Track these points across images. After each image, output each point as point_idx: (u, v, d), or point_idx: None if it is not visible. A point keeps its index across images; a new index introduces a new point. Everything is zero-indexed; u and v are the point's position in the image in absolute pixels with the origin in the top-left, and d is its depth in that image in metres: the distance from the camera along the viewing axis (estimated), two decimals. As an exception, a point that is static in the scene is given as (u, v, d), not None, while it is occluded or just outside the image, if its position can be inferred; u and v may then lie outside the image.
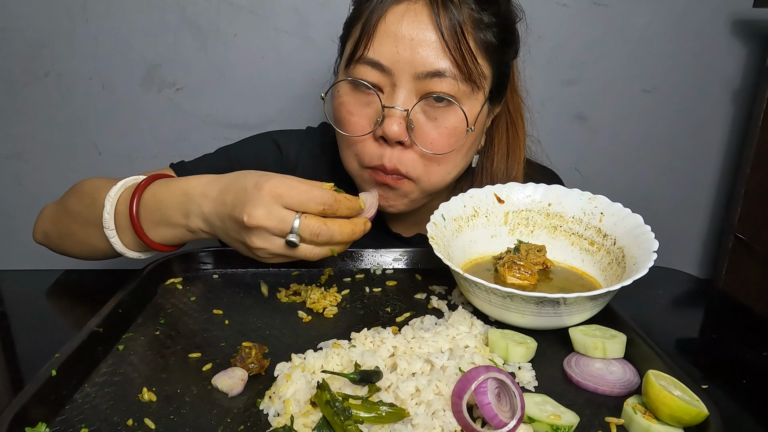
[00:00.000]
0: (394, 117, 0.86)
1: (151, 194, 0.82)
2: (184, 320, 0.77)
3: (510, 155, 1.04)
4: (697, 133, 1.78)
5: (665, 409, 0.56)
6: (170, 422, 0.57)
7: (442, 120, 0.88)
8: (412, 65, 0.84)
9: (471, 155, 0.99)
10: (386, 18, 0.85)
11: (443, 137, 0.89)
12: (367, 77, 0.87)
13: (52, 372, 0.60)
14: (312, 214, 0.75)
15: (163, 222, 0.82)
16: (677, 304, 0.99)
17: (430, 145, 0.89)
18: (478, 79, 0.88)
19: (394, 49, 0.84)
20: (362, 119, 0.90)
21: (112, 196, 0.83)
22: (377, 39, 0.86)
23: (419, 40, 0.84)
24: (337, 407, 0.54)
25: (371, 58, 0.86)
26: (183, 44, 1.55)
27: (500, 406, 0.56)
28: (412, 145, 0.89)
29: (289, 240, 0.74)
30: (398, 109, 0.85)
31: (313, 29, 1.56)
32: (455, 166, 0.95)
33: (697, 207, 1.89)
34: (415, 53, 0.84)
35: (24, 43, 1.51)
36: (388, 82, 0.87)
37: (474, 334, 0.71)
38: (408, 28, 0.84)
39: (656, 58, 1.67)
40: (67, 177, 1.66)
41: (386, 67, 0.86)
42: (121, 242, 0.84)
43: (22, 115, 1.59)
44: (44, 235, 0.98)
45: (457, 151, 0.92)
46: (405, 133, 0.87)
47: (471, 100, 0.89)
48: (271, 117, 1.63)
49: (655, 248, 0.77)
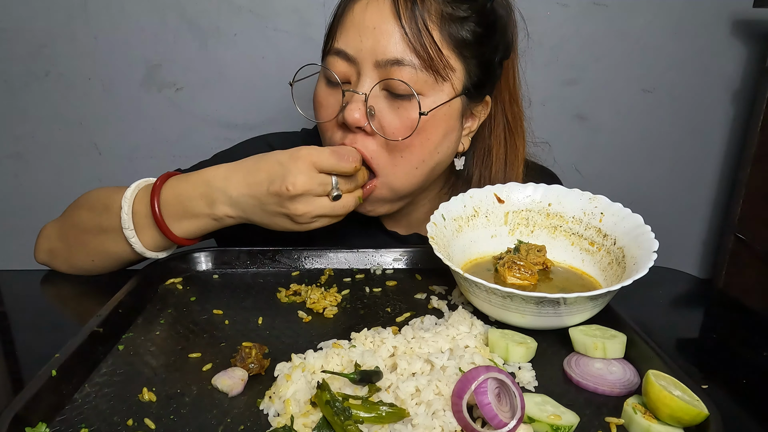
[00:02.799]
0: (354, 102, 0.88)
1: (169, 189, 0.86)
2: (184, 320, 0.77)
3: (508, 165, 1.04)
4: (697, 133, 1.78)
5: (665, 409, 0.56)
6: (170, 422, 0.57)
7: (402, 109, 0.89)
8: (373, 53, 0.87)
9: (444, 153, 0.96)
10: (353, 10, 0.89)
11: (401, 123, 0.89)
12: (335, 67, 0.90)
13: (52, 372, 0.60)
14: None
15: (186, 215, 0.85)
16: (677, 304, 0.99)
17: (391, 132, 0.89)
18: (443, 70, 0.88)
19: (358, 38, 0.87)
20: (329, 107, 0.93)
21: (129, 197, 0.86)
22: (344, 30, 0.89)
23: (381, 30, 0.86)
24: (337, 407, 0.54)
25: (337, 47, 0.89)
26: (183, 44, 1.55)
27: (500, 406, 0.56)
28: (373, 133, 0.90)
29: (335, 195, 0.82)
30: (357, 93, 0.88)
31: (313, 29, 1.56)
32: (422, 161, 0.93)
33: (697, 207, 1.89)
34: (377, 42, 0.86)
35: (24, 43, 1.51)
36: (354, 71, 0.89)
37: (474, 334, 0.71)
38: (370, 18, 0.87)
39: (656, 58, 1.67)
40: (67, 177, 1.67)
41: (351, 56, 0.88)
42: (141, 242, 0.87)
43: (22, 115, 1.59)
44: (49, 253, 0.98)
45: (420, 144, 0.91)
46: (364, 119, 0.88)
47: (435, 92, 0.89)
48: (271, 117, 1.63)
49: (655, 248, 0.77)
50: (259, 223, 0.86)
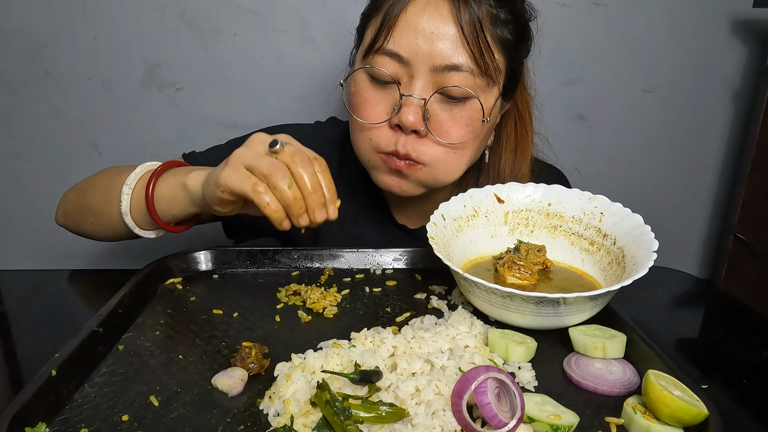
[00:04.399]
0: (411, 106, 0.87)
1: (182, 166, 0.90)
2: (184, 320, 0.77)
3: (518, 152, 1.05)
4: (697, 133, 1.78)
5: (665, 409, 0.56)
6: (170, 422, 0.57)
7: (457, 111, 0.89)
8: (430, 58, 0.86)
9: (482, 148, 1.00)
10: (407, 10, 0.87)
11: (458, 127, 0.90)
12: (385, 67, 0.88)
13: (52, 372, 0.60)
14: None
15: (168, 180, 0.86)
16: (677, 304, 0.99)
17: (446, 134, 0.90)
18: (493, 73, 0.89)
19: (414, 41, 0.86)
20: (378, 107, 0.91)
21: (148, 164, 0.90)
22: (397, 30, 0.87)
23: (439, 34, 0.85)
24: (337, 407, 0.54)
25: (390, 49, 0.88)
26: (183, 44, 1.54)
27: (500, 406, 0.56)
28: (427, 135, 0.90)
29: (274, 140, 0.73)
30: (416, 98, 0.87)
31: (313, 29, 1.56)
32: (470, 158, 0.96)
33: (697, 207, 1.89)
34: (434, 46, 0.85)
35: (24, 43, 1.51)
36: (405, 73, 0.88)
37: (474, 334, 0.71)
38: (428, 21, 0.85)
39: (656, 58, 1.67)
40: (67, 177, 1.66)
41: (405, 59, 0.87)
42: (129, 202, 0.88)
43: (22, 115, 1.59)
44: (64, 215, 1.03)
45: (473, 141, 0.93)
46: (421, 123, 0.88)
47: (486, 95, 0.90)
48: (271, 117, 1.62)
49: (655, 248, 0.77)
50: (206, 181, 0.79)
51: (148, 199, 0.85)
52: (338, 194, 0.80)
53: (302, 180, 0.71)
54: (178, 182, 0.85)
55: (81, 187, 1.01)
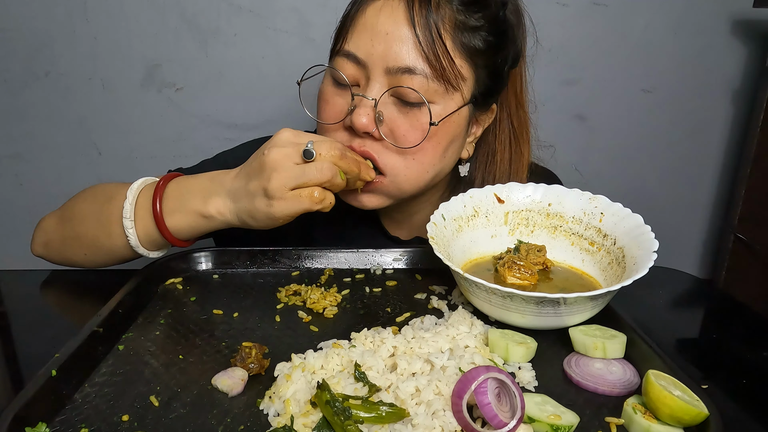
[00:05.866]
0: (363, 107, 0.87)
1: (175, 183, 0.87)
2: (184, 320, 0.77)
3: (512, 171, 1.04)
4: (697, 133, 1.78)
5: (665, 409, 0.56)
6: (170, 422, 0.57)
7: (412, 115, 0.88)
8: (384, 59, 0.86)
9: (450, 158, 0.97)
10: (365, 12, 0.87)
11: (411, 130, 0.88)
12: (344, 69, 0.89)
13: (52, 372, 0.60)
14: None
15: (180, 208, 0.84)
16: (677, 304, 0.99)
17: (399, 138, 0.89)
18: (454, 80, 0.87)
19: (370, 42, 0.86)
20: (335, 108, 0.91)
21: (135, 189, 0.86)
22: (355, 32, 0.88)
23: (393, 36, 0.85)
24: (337, 407, 0.54)
25: (348, 50, 0.88)
26: (183, 44, 1.55)
27: (500, 406, 0.56)
28: (381, 138, 0.89)
29: (306, 150, 0.77)
30: (367, 99, 0.87)
31: (313, 29, 1.56)
32: (432, 165, 0.93)
33: (697, 207, 1.89)
34: (389, 48, 0.85)
35: (24, 43, 1.52)
36: (363, 75, 0.88)
37: (474, 334, 0.71)
38: (384, 23, 0.85)
39: (656, 58, 1.67)
40: (67, 177, 1.67)
41: (361, 60, 0.87)
42: (136, 235, 0.86)
43: (22, 115, 1.59)
44: (44, 245, 0.98)
45: (431, 148, 0.91)
46: (372, 124, 0.87)
47: (445, 100, 0.89)
48: (271, 117, 1.63)
49: (655, 248, 0.77)
50: (245, 213, 0.82)
51: (164, 232, 0.85)
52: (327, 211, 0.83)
53: (349, 168, 0.81)
54: (195, 211, 0.84)
55: (63, 215, 0.96)
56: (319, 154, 0.78)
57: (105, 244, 0.89)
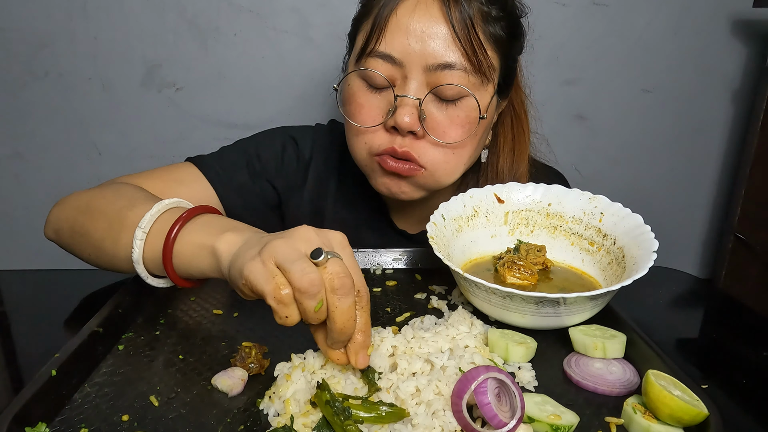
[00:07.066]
0: (406, 107, 0.87)
1: (211, 216, 0.74)
2: (184, 320, 0.77)
3: (516, 151, 1.05)
4: (697, 133, 1.78)
5: (665, 409, 0.56)
6: (170, 422, 0.57)
7: (453, 111, 0.89)
8: (423, 57, 0.86)
9: (481, 148, 1.00)
10: (397, 12, 0.87)
11: (455, 126, 0.90)
12: (378, 70, 0.88)
13: (52, 372, 0.60)
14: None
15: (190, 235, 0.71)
16: (677, 304, 0.98)
17: (443, 134, 0.90)
18: (487, 71, 0.89)
19: (406, 41, 0.86)
20: (373, 110, 0.91)
21: (165, 204, 0.75)
22: (389, 32, 0.87)
23: (430, 33, 0.85)
24: (337, 407, 0.54)
25: (383, 51, 0.87)
26: (183, 44, 1.55)
27: (500, 406, 0.56)
28: (424, 136, 0.90)
29: (316, 251, 0.58)
30: (410, 98, 0.87)
31: (313, 29, 1.56)
32: (469, 157, 0.96)
33: (697, 207, 1.89)
34: (426, 45, 0.85)
35: (24, 43, 1.51)
36: (399, 74, 0.88)
37: (474, 334, 0.71)
38: (419, 21, 0.86)
39: (656, 58, 1.67)
40: (67, 177, 1.67)
41: (398, 60, 0.87)
42: (142, 248, 0.74)
43: (22, 115, 1.59)
44: (56, 232, 0.91)
45: (470, 141, 0.93)
46: (417, 123, 0.88)
47: (481, 92, 0.90)
48: (271, 117, 1.63)
49: (655, 248, 0.77)
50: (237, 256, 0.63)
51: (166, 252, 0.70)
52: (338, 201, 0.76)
53: (336, 312, 0.57)
54: (205, 243, 0.68)
55: (80, 205, 0.88)
56: (324, 267, 0.58)
57: (109, 250, 0.81)
